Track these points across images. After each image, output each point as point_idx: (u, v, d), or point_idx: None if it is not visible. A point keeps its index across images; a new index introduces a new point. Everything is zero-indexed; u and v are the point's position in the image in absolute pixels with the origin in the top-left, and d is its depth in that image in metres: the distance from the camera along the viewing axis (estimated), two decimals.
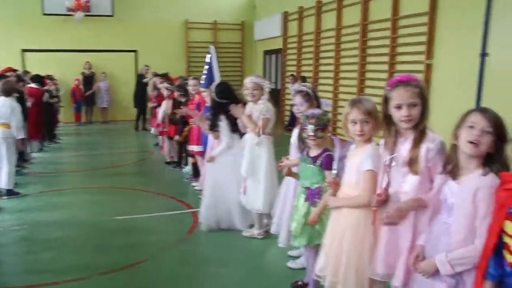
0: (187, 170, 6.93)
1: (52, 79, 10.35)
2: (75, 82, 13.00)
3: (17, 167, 6.30)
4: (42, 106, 8.30)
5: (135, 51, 12.83)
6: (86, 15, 12.67)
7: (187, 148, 6.28)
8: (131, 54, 12.83)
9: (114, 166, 7.86)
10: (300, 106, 3.44)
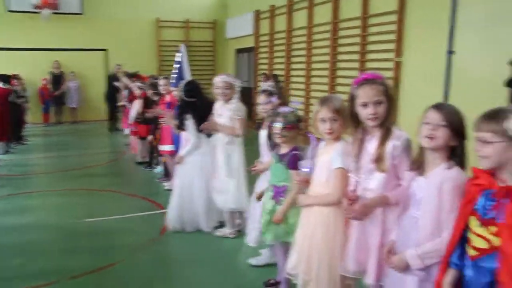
0: (159, 170, 6.86)
1: (18, 79, 10.08)
2: (43, 81, 12.69)
3: None
4: (8, 106, 8.08)
5: (105, 50, 12.61)
6: (54, 13, 12.35)
7: (158, 148, 6.21)
8: (101, 53, 12.59)
9: (84, 167, 7.70)
10: (265, 105, 3.45)
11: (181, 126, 4.49)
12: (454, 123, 1.94)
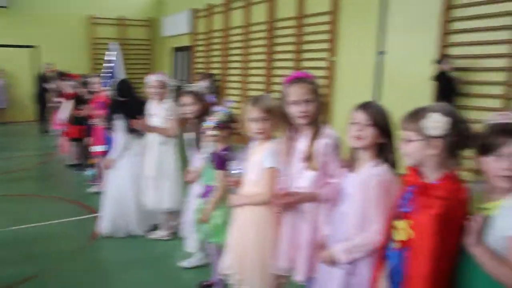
0: (91, 172, 6.59)
1: None
2: None
3: None
4: None
5: (35, 47, 11.98)
6: None
7: (90, 149, 5.97)
8: (30, 50, 11.96)
9: (10, 171, 7.25)
10: (189, 107, 3.40)
11: (111, 126, 4.33)
12: (380, 122, 1.99)
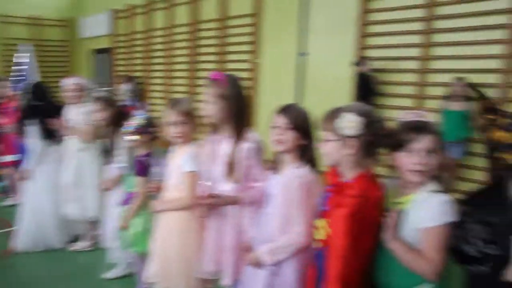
0: (1, 184, 6.15)
1: None
2: None
3: None
4: None
5: None
6: None
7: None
8: None
9: None
10: (96, 113, 3.31)
11: (24, 133, 4.07)
12: (301, 125, 2.02)
